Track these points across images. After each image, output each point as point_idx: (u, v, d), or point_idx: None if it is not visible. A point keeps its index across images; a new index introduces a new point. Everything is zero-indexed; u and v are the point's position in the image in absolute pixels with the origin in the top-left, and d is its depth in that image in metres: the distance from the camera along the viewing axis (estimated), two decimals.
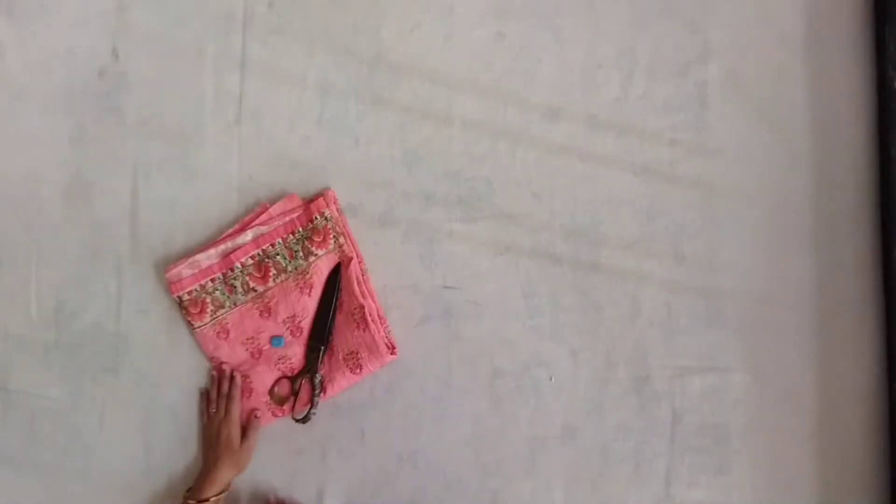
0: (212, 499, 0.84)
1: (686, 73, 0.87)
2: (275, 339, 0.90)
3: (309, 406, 0.89)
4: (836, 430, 0.85)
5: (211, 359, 0.91)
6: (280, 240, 0.89)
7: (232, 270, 0.90)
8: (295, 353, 0.90)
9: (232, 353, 0.90)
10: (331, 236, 0.89)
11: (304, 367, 0.90)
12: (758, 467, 0.85)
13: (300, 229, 0.89)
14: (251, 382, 0.90)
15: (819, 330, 0.85)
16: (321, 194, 0.89)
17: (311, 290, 0.89)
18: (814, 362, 0.85)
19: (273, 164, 0.92)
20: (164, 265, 0.91)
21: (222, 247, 0.90)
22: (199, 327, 0.90)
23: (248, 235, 0.89)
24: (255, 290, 0.90)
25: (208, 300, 0.90)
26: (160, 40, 0.94)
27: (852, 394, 0.85)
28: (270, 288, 0.90)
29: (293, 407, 0.89)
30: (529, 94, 0.88)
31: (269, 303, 0.90)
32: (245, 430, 0.89)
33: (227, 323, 0.90)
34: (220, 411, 0.89)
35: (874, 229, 0.85)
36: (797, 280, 0.86)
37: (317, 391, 0.88)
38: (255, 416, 0.90)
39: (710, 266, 0.86)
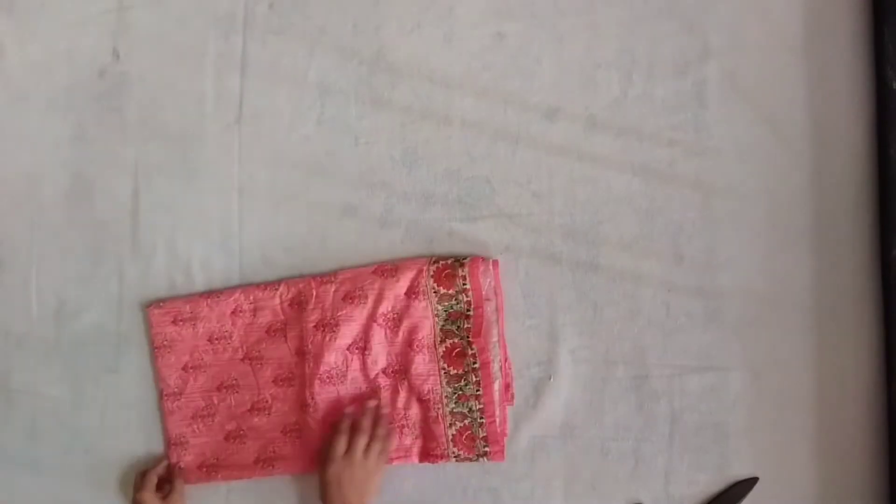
0: None
1: (685, 74, 0.87)
2: None
3: None
4: (836, 430, 0.85)
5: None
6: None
7: None
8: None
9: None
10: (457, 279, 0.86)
11: None
12: (757, 466, 0.86)
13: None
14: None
15: (818, 329, 0.85)
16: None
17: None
18: (813, 361, 0.85)
19: (273, 164, 0.92)
20: (165, 264, 0.91)
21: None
22: None
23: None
24: None
25: None
26: (161, 40, 0.94)
27: (851, 393, 0.85)
28: None
29: None
30: (529, 94, 0.89)
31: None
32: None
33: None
34: None
35: (873, 229, 0.85)
36: (796, 279, 0.86)
37: None
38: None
39: (708, 265, 0.87)
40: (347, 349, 0.87)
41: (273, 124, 0.92)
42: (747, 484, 0.85)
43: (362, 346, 0.87)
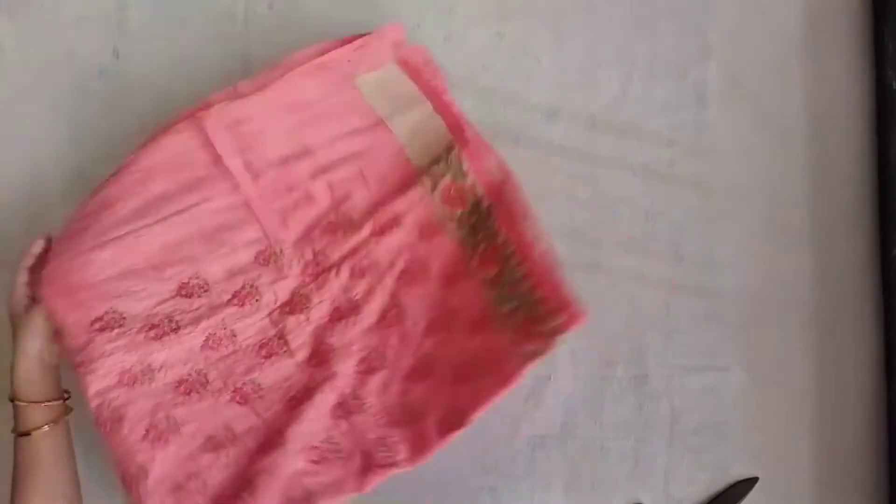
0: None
1: (685, 74, 0.87)
2: None
3: None
4: (835, 430, 0.85)
5: None
6: None
7: None
8: None
9: None
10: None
11: None
12: (756, 466, 0.86)
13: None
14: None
15: (817, 329, 0.86)
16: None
17: None
18: (812, 361, 0.86)
19: None
20: None
21: None
22: None
23: None
24: None
25: None
26: (161, 40, 0.94)
27: (851, 393, 0.85)
28: None
29: None
30: (529, 94, 0.89)
31: None
32: None
33: None
34: None
35: (872, 229, 0.85)
36: (795, 279, 0.86)
37: None
38: None
39: (708, 265, 0.87)
40: (378, 326, 0.75)
41: None
42: (747, 484, 0.85)
43: (395, 313, 0.76)
